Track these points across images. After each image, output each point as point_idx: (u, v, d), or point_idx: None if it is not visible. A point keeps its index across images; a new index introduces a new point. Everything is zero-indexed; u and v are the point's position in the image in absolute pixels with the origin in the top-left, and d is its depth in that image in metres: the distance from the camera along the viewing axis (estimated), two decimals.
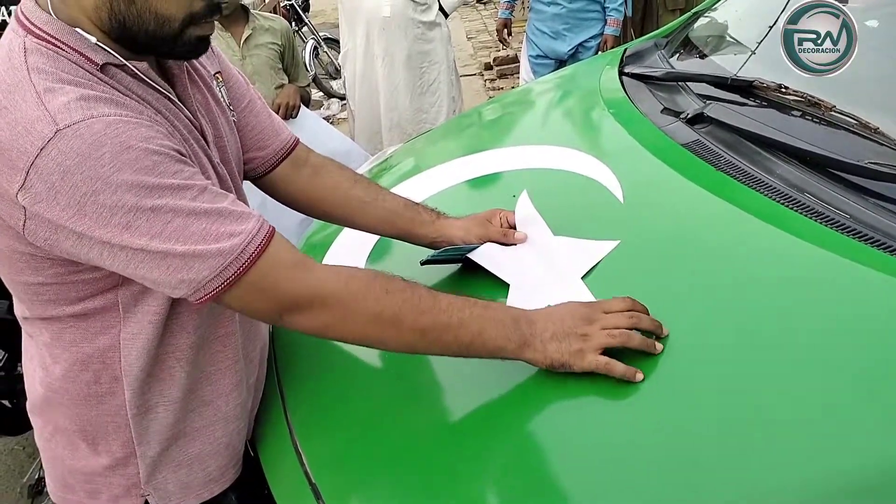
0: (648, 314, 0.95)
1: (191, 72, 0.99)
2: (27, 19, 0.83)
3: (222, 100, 1.05)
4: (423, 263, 1.18)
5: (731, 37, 1.68)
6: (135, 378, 0.93)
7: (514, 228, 1.23)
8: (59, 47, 0.82)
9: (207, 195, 0.84)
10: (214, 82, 1.05)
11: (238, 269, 0.83)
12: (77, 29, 0.83)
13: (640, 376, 0.89)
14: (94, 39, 0.83)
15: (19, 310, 0.96)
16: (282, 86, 2.77)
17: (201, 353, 0.98)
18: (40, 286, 0.88)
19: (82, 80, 0.81)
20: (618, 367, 0.89)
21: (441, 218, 1.23)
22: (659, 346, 0.92)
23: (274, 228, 0.88)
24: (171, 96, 0.92)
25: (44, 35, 0.82)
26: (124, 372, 0.93)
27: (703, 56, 1.68)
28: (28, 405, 1.03)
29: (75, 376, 0.94)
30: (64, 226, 0.78)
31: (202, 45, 0.91)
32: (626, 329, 0.91)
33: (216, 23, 2.77)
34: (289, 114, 2.70)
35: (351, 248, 1.39)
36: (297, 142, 1.21)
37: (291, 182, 1.19)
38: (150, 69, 0.89)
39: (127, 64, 0.86)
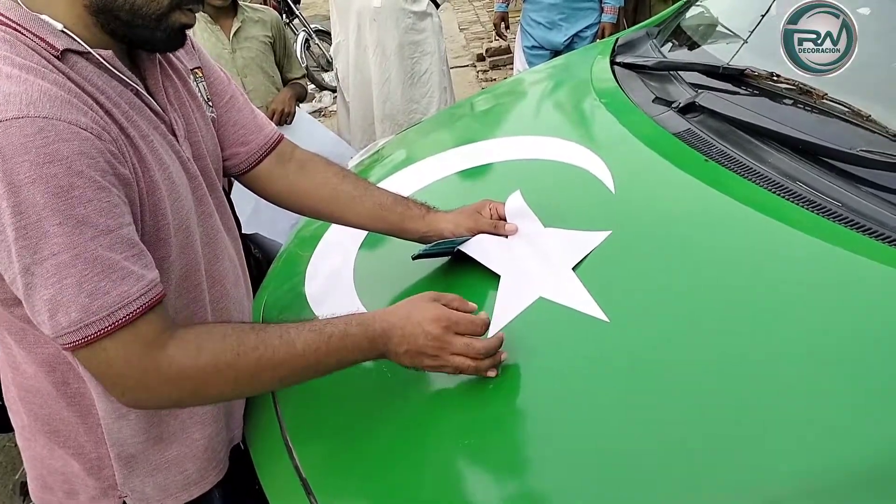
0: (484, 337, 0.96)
1: (164, 65, 0.98)
2: None
3: (199, 95, 1.04)
4: (414, 258, 1.17)
5: (723, 25, 1.67)
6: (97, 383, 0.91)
7: (504, 220, 1.22)
8: (18, 32, 0.81)
9: (107, 239, 0.79)
10: (191, 77, 1.03)
11: (97, 333, 0.79)
12: (43, 16, 0.82)
13: (492, 373, 0.95)
14: (59, 26, 0.82)
15: None
16: (272, 77, 2.75)
17: None
18: None
19: (35, 65, 0.80)
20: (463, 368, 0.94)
21: (431, 212, 1.22)
22: (493, 373, 0.95)
23: (161, 297, 0.84)
24: (139, 88, 0.90)
25: (5, 21, 0.82)
26: (86, 377, 0.91)
27: (694, 45, 1.67)
28: (7, 405, 1.02)
29: (44, 377, 0.93)
30: None
31: (181, 36, 0.90)
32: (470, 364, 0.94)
33: (206, 15, 2.73)
34: (283, 120, 2.68)
35: (340, 243, 1.38)
36: (281, 137, 1.19)
37: (277, 178, 1.18)
38: (115, 58, 0.87)
39: (91, 52, 0.84)
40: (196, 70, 1.06)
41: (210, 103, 1.07)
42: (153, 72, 0.95)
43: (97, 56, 0.85)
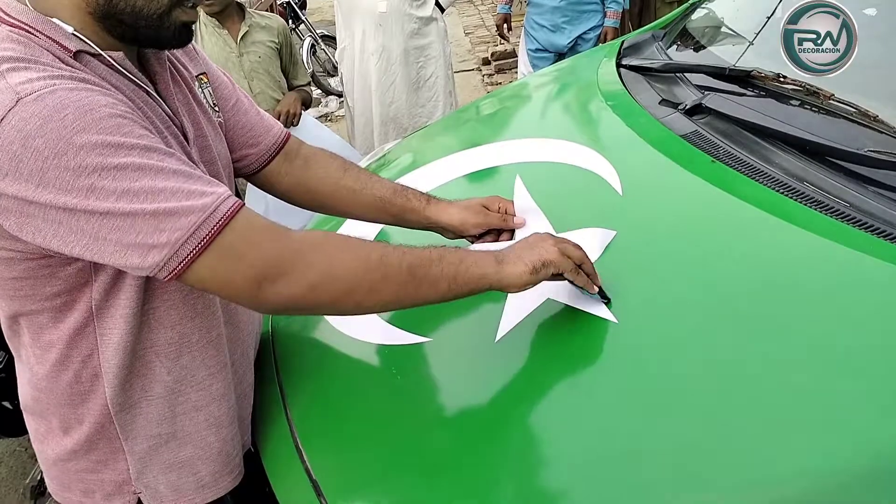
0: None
1: (173, 71, 0.99)
2: (2, 11, 0.84)
3: (205, 101, 1.05)
4: None
5: (729, 27, 1.67)
6: (115, 375, 0.93)
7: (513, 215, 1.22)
8: (31, 34, 0.83)
9: (174, 159, 0.82)
10: (197, 84, 1.05)
11: (213, 228, 0.79)
12: (53, 19, 0.84)
13: (595, 288, 0.99)
14: (70, 29, 0.84)
15: (2, 309, 0.95)
16: (278, 82, 2.76)
17: (187, 355, 0.97)
18: (15, 281, 0.88)
19: (50, 62, 0.81)
20: (580, 278, 0.97)
21: (432, 204, 1.21)
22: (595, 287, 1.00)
23: (240, 203, 0.85)
24: (150, 90, 0.92)
25: (17, 23, 0.83)
26: (104, 369, 0.93)
27: (700, 47, 1.67)
28: (21, 406, 1.03)
29: (57, 376, 0.94)
30: (30, 200, 0.76)
31: (186, 33, 0.92)
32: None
33: (213, 20, 2.76)
34: (289, 122, 2.69)
35: None
36: (288, 135, 1.21)
37: (285, 175, 1.20)
38: (126, 60, 0.89)
39: (102, 54, 0.86)
40: (201, 76, 1.07)
41: (216, 108, 1.08)
42: (163, 76, 0.96)
43: (108, 58, 0.86)
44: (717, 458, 0.78)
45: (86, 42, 0.85)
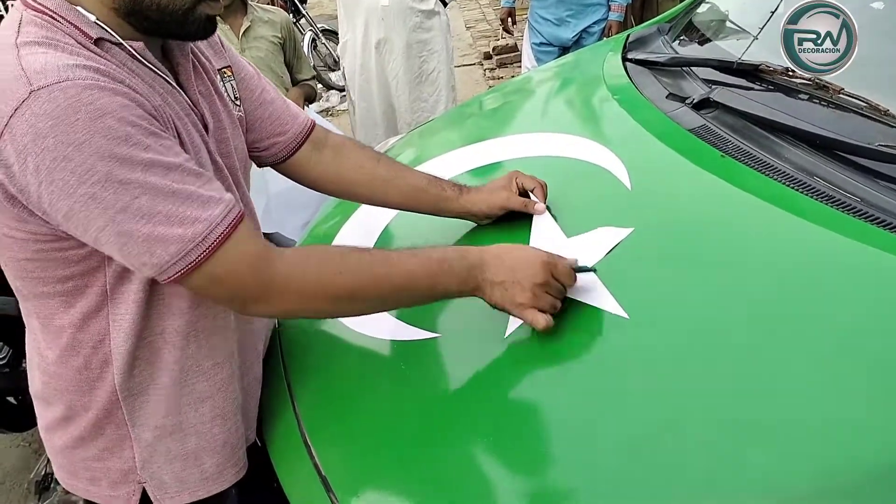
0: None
1: (195, 62, 1.00)
2: None
3: (226, 94, 1.05)
4: None
5: (735, 21, 1.67)
6: (124, 361, 0.94)
7: (528, 195, 1.24)
8: (54, 19, 0.84)
9: (177, 174, 0.83)
10: (218, 77, 1.05)
11: (198, 257, 0.84)
12: (77, 7, 0.85)
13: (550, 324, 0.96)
14: (93, 17, 0.85)
15: (16, 290, 0.96)
16: (281, 78, 2.75)
17: (194, 343, 0.98)
18: (27, 262, 0.89)
19: (71, 46, 0.82)
20: (541, 324, 0.95)
21: (464, 193, 1.24)
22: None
23: (242, 214, 0.88)
24: (169, 80, 0.92)
25: (41, 8, 0.84)
26: (114, 355, 0.94)
27: (707, 41, 1.66)
28: (31, 393, 1.04)
29: (66, 362, 0.95)
30: (35, 192, 0.79)
31: (210, 25, 0.93)
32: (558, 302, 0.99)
33: None
34: None
35: (353, 242, 1.38)
36: (314, 124, 1.22)
37: (315, 164, 1.21)
38: (146, 50, 0.89)
39: (123, 43, 0.87)
40: (225, 69, 1.07)
41: (238, 102, 1.09)
42: (185, 66, 0.97)
43: (128, 47, 0.87)
44: (728, 457, 0.77)
45: (107, 30, 0.86)
